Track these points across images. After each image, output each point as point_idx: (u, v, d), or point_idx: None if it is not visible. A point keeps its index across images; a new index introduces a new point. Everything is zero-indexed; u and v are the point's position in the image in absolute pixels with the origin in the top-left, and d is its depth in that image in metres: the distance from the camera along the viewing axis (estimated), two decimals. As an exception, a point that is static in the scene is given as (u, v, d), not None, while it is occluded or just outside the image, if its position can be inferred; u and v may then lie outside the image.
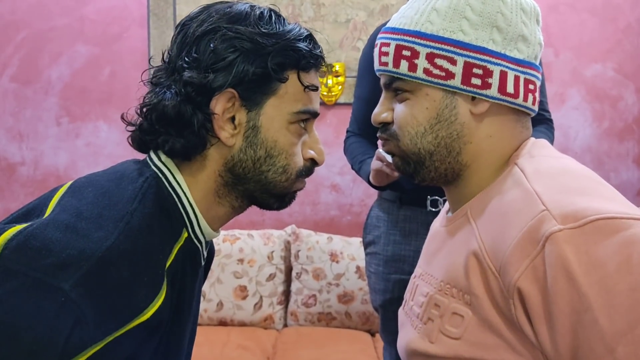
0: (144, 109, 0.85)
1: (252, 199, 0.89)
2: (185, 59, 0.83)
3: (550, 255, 0.68)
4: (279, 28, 0.85)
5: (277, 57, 0.83)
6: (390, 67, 0.87)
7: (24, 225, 0.73)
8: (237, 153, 0.85)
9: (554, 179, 0.77)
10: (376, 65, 0.91)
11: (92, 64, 2.86)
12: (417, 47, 0.84)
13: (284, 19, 0.87)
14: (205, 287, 2.62)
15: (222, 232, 2.74)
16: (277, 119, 0.85)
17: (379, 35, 0.91)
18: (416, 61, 0.84)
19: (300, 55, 0.85)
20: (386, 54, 0.87)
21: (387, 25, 0.90)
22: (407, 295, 0.98)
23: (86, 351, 0.68)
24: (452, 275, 0.83)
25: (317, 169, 0.93)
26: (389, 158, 1.39)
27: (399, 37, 0.86)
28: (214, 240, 2.66)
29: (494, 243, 0.76)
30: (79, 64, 2.88)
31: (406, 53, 0.85)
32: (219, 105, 0.82)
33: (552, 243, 0.68)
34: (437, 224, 0.99)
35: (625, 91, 2.88)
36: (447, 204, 0.98)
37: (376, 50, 0.90)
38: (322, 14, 2.83)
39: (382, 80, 0.90)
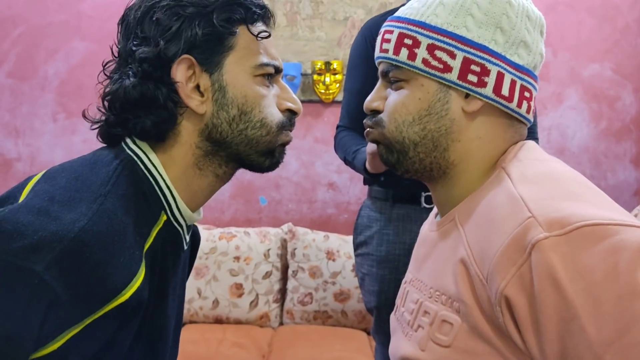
0: (106, 102, 0.85)
1: (241, 162, 0.89)
2: (134, 42, 0.83)
3: (536, 263, 0.68)
4: None
5: (222, 13, 0.84)
6: (390, 54, 0.87)
7: None
8: (210, 119, 0.85)
9: (540, 184, 0.76)
10: (376, 53, 0.91)
11: (89, 60, 2.85)
12: (419, 37, 0.84)
13: None
14: (201, 285, 2.62)
15: (219, 230, 2.74)
16: (240, 74, 0.85)
17: (384, 24, 0.91)
18: (416, 50, 0.84)
19: (244, 8, 0.85)
20: (388, 40, 0.88)
21: (394, 15, 0.91)
22: (398, 301, 0.98)
23: (64, 334, 0.68)
24: (441, 282, 0.82)
25: (314, 166, 0.93)
26: None
27: (403, 25, 0.87)
28: (211, 236, 2.66)
29: (481, 250, 0.76)
30: (75, 60, 2.87)
31: (408, 42, 0.85)
32: (179, 73, 0.83)
33: (538, 251, 0.68)
34: (426, 228, 0.98)
35: (622, 91, 2.88)
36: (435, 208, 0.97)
37: (379, 38, 0.90)
38: (321, 12, 2.83)
39: (380, 69, 0.90)
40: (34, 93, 2.88)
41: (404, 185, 1.63)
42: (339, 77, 2.80)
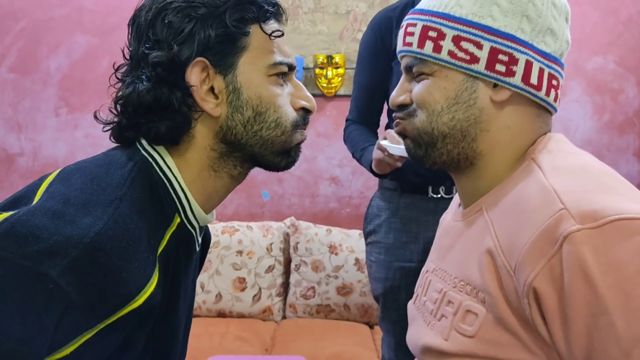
0: (119, 105, 0.84)
1: (256, 162, 0.88)
2: (146, 45, 0.82)
3: (567, 256, 0.67)
4: None
5: (234, 13, 0.82)
6: (414, 47, 0.86)
7: (11, 212, 0.72)
8: (225, 121, 0.84)
9: (573, 177, 0.76)
10: (399, 47, 0.90)
11: (90, 55, 2.85)
12: (444, 29, 0.83)
13: None
14: (204, 279, 2.62)
15: (221, 224, 2.74)
16: (255, 75, 0.84)
17: (406, 17, 0.90)
18: (441, 42, 0.83)
19: (257, 6, 0.84)
20: (412, 34, 0.86)
21: (416, 7, 0.90)
22: (418, 289, 0.98)
23: (77, 338, 0.68)
24: (466, 272, 0.82)
25: (316, 161, 0.92)
26: (389, 150, 1.38)
27: (426, 18, 0.85)
28: (214, 230, 2.66)
29: (509, 241, 0.75)
30: (77, 55, 2.87)
31: (432, 34, 0.84)
32: (194, 76, 0.81)
33: (570, 243, 0.67)
34: (448, 218, 0.97)
35: (626, 84, 2.88)
36: (456, 197, 0.97)
37: (401, 32, 0.89)
38: (322, 6, 2.82)
39: (403, 63, 0.89)
40: (36, 88, 2.88)
41: (410, 181, 1.68)
42: (341, 70, 2.79)
